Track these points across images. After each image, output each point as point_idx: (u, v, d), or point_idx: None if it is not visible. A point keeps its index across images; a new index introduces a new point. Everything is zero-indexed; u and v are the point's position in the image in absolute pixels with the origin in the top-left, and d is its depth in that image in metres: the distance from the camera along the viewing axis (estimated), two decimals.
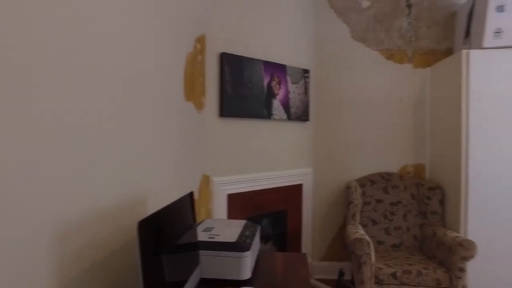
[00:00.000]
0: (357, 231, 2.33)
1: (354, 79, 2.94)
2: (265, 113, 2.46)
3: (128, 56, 1.12)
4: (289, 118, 2.64)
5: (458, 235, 2.27)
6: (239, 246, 1.21)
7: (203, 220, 1.54)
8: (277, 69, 2.54)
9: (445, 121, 2.62)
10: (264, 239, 2.61)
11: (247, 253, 1.20)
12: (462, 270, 2.12)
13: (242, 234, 1.32)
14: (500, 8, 2.32)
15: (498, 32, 2.33)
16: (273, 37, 2.52)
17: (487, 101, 2.35)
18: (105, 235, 0.98)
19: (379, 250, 2.60)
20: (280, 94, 2.57)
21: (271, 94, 2.50)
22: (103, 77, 0.97)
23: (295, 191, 2.76)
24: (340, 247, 2.99)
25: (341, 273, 2.62)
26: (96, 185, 0.93)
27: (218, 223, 1.48)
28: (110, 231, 1.01)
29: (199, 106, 1.99)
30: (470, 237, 2.35)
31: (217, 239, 1.25)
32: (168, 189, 1.49)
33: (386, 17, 2.90)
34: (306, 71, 2.78)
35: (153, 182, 1.33)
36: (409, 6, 2.88)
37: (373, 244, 2.64)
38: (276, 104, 2.54)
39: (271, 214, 2.63)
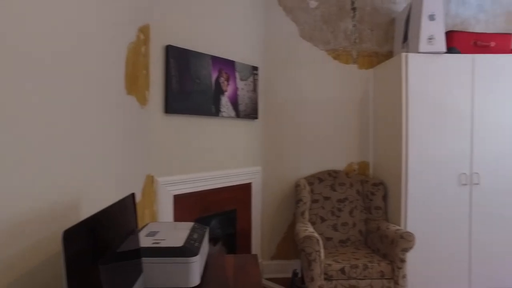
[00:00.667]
0: (307, 229, 2.34)
1: (302, 78, 2.97)
2: (213, 110, 2.37)
3: (56, 37, 0.97)
4: (238, 115, 2.58)
5: (400, 228, 2.39)
6: (187, 250, 1.12)
7: (146, 224, 1.42)
8: (226, 65, 2.47)
9: (387, 120, 2.76)
10: (213, 240, 2.52)
11: (195, 258, 1.12)
12: (403, 260, 2.23)
13: (189, 238, 1.23)
14: (432, 17, 2.49)
15: (431, 39, 2.50)
16: (222, 32, 2.45)
17: (423, 102, 2.51)
18: (26, 247, 0.83)
19: (328, 247, 2.65)
20: (229, 90, 2.50)
21: (219, 91, 2.42)
22: (21, 63, 0.82)
23: (244, 190, 2.71)
24: (290, 245, 3.01)
25: (295, 274, 2.64)
26: (15, 190, 0.78)
27: (163, 227, 1.37)
28: (31, 242, 0.86)
29: (143, 101, 1.85)
30: (410, 229, 2.49)
31: (162, 244, 1.15)
32: (107, 191, 1.34)
33: (332, 18, 2.98)
34: (255, 68, 2.74)
35: (88, 184, 1.18)
36: (353, 9, 2.99)
37: (322, 241, 2.68)
38: (225, 101, 2.47)
39: (220, 214, 2.54)
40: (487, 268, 2.60)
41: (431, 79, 2.52)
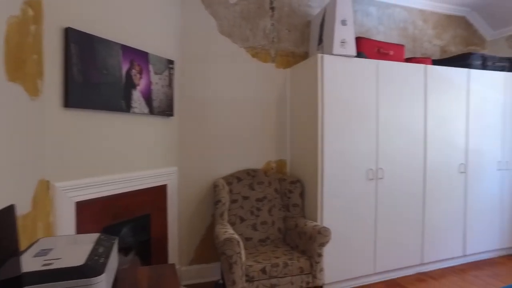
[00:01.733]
0: (226, 231, 2.26)
1: (221, 75, 2.88)
2: (123, 106, 2.12)
3: None
4: (151, 112, 2.37)
5: (317, 224, 2.47)
6: (89, 269, 0.93)
7: (36, 241, 1.16)
8: (138, 56, 2.24)
9: (303, 119, 2.84)
10: (124, 250, 2.26)
11: (100, 278, 0.93)
12: (320, 255, 2.31)
13: (93, 253, 1.03)
14: (344, 22, 2.64)
15: (343, 42, 2.65)
16: (134, 19, 2.20)
17: (336, 102, 2.65)
18: None
19: (248, 247, 2.61)
20: (142, 84, 2.28)
21: (130, 84, 2.18)
22: None
23: (158, 192, 2.50)
24: (209, 248, 2.89)
25: (218, 285, 2.57)
26: None
27: (59, 242, 1.13)
28: None
29: (33, 91, 1.53)
30: (326, 224, 2.60)
31: (56, 265, 0.93)
32: None
33: (251, 16, 2.96)
34: (170, 62, 2.55)
35: None
36: (272, 8, 3.01)
37: (242, 242, 2.63)
38: (137, 95, 2.23)
39: (132, 220, 2.30)
40: (389, 252, 2.87)
41: (343, 80, 2.67)
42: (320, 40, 2.84)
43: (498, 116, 3.38)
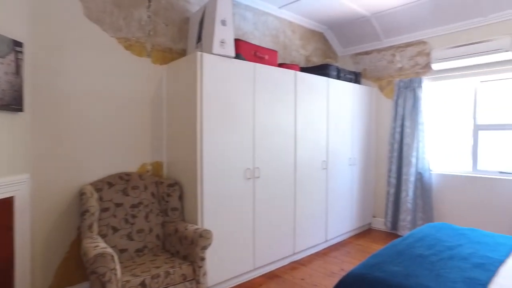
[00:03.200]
0: (97, 245, 1.96)
1: (86, 66, 2.49)
2: None
3: None
4: None
5: (198, 227, 2.39)
6: None
7: None
8: None
9: (181, 119, 2.72)
10: None
11: None
12: (203, 259, 2.25)
13: None
14: (224, 23, 2.65)
15: (223, 42, 2.65)
16: None
17: (216, 102, 2.63)
18: None
19: (123, 260, 2.34)
20: None
21: None
22: None
23: (2, 207, 1.99)
24: (75, 267, 2.46)
25: None
26: None
27: None
28: None
29: None
30: (207, 226, 2.55)
31: None
32: None
33: (125, 3, 2.66)
34: (18, 44, 2.06)
35: None
36: None
37: (116, 255, 2.33)
38: None
39: None
40: (267, 246, 3.03)
41: (222, 81, 2.67)
42: (199, 38, 2.77)
43: (349, 120, 4.00)
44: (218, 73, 2.63)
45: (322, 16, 4.04)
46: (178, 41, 3.00)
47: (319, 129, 3.57)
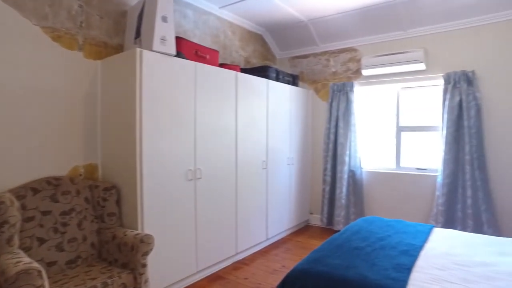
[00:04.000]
0: (20, 260, 1.74)
1: (4, 57, 2.20)
2: None
3: None
4: None
5: (138, 232, 2.27)
6: None
7: None
8: None
9: (119, 118, 2.55)
10: None
11: None
12: (144, 265, 2.14)
13: None
14: (165, 19, 2.55)
15: (163, 40, 2.55)
16: None
17: (156, 101, 2.52)
18: None
19: (51, 273, 2.10)
20: None
21: None
22: None
23: None
24: None
25: None
26: None
27: None
28: None
29: None
30: (148, 231, 2.43)
31: None
32: None
33: None
34: None
35: None
36: None
37: (44, 269, 2.10)
38: None
39: None
40: (209, 248, 2.99)
41: (163, 79, 2.57)
42: (138, 34, 2.63)
43: (287, 121, 4.14)
44: (158, 71, 2.52)
45: (261, 18, 4.12)
46: (114, 35, 2.81)
47: (259, 129, 3.63)
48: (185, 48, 2.90)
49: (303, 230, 4.48)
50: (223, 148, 3.15)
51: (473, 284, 1.72)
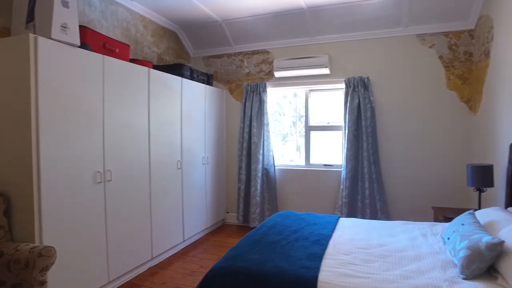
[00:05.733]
0: None
1: None
2: None
3: None
4: None
5: (35, 245, 1.98)
6: None
7: None
8: None
9: (6, 116, 2.19)
10: None
11: None
12: (44, 282, 1.89)
13: None
14: (66, 4, 2.29)
15: (64, 27, 2.29)
16: None
17: (56, 97, 2.24)
18: None
19: None
20: None
21: None
22: None
23: None
24: None
25: None
26: None
27: None
28: None
29: None
30: (48, 242, 2.14)
31: None
32: None
33: None
34: None
35: None
36: None
37: None
38: None
39: None
40: (122, 255, 2.78)
41: (65, 72, 2.30)
42: (31, 17, 2.30)
43: (202, 120, 4.10)
44: (58, 63, 2.25)
45: (175, 15, 4.00)
46: None
47: (173, 128, 3.52)
48: (91, 39, 2.64)
49: (220, 229, 4.50)
50: (135, 148, 2.97)
51: (372, 263, 1.96)
